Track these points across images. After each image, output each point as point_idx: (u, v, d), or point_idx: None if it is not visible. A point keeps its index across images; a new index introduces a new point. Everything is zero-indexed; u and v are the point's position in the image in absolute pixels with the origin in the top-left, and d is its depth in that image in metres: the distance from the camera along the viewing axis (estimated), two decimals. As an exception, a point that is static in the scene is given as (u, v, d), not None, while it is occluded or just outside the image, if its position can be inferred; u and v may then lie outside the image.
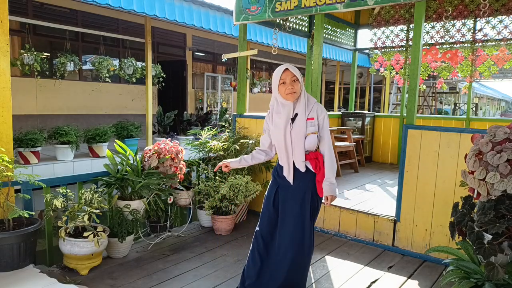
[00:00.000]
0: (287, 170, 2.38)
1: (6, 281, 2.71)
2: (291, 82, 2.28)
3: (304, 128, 2.30)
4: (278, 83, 2.31)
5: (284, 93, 2.29)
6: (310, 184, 2.37)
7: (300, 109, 2.32)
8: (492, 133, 2.22)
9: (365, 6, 3.46)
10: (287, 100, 2.31)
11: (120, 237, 3.15)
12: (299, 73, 2.33)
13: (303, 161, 2.33)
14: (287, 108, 2.32)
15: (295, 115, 2.32)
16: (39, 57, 6.76)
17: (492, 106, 31.22)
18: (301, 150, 2.32)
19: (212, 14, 8.04)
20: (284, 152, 2.35)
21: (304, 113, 2.31)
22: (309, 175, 2.37)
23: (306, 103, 2.34)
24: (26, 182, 3.06)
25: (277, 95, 2.35)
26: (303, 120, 2.31)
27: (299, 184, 2.38)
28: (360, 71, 17.09)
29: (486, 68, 5.77)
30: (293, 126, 2.31)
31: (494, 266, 1.93)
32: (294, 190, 2.40)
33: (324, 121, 2.37)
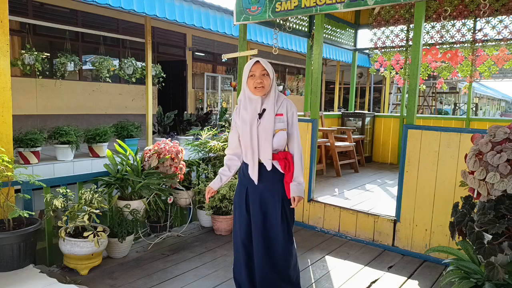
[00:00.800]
0: (251, 168, 2.28)
1: (6, 281, 2.71)
2: (261, 75, 2.19)
3: (272, 124, 2.21)
4: (247, 75, 2.22)
5: (252, 86, 2.21)
6: (278, 185, 2.29)
7: (269, 104, 2.23)
8: (492, 133, 2.22)
9: (365, 6, 3.46)
10: (255, 95, 2.23)
11: (120, 237, 3.15)
12: (271, 69, 2.25)
13: (270, 159, 2.24)
14: (255, 102, 2.24)
15: (263, 110, 2.23)
16: (40, 57, 6.77)
17: (492, 106, 31.22)
18: (268, 147, 2.22)
19: (212, 14, 8.04)
20: (249, 148, 2.25)
21: (273, 109, 2.23)
22: (278, 176, 2.29)
23: (275, 99, 2.26)
24: (26, 182, 3.06)
25: (245, 88, 2.26)
26: (271, 115, 2.22)
27: (267, 185, 2.29)
28: (360, 71, 17.09)
29: (486, 68, 5.77)
30: (260, 122, 2.21)
31: (494, 266, 1.93)
32: (263, 191, 2.30)
33: (293, 117, 2.29)
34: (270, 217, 2.30)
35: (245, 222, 2.38)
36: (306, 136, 4.09)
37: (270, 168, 2.25)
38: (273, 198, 2.30)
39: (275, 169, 2.27)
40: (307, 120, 4.14)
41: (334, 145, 5.64)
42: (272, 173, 2.27)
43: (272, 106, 2.23)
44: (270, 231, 2.31)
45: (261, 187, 2.30)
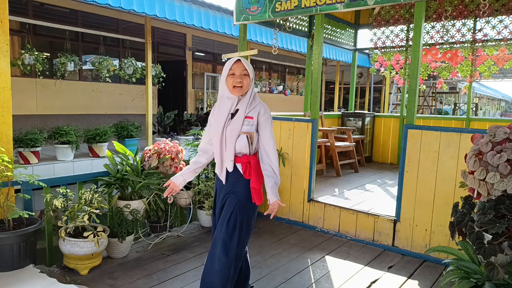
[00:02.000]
0: (219, 168, 2.26)
1: (6, 281, 2.71)
2: (241, 75, 2.14)
3: (239, 125, 2.15)
4: (227, 73, 2.17)
5: (231, 85, 2.15)
6: (239, 188, 2.20)
7: (243, 105, 2.18)
8: (492, 133, 2.22)
9: (365, 6, 3.46)
10: (232, 94, 2.18)
11: (120, 237, 3.15)
12: (252, 70, 2.20)
13: (232, 160, 2.18)
14: (230, 102, 2.19)
15: (236, 110, 2.18)
16: (40, 57, 6.77)
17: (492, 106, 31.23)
18: (232, 148, 2.17)
19: (212, 14, 8.04)
20: (219, 147, 2.20)
21: (244, 110, 2.17)
22: (240, 179, 2.21)
23: (250, 101, 2.19)
24: (26, 182, 3.06)
25: (223, 87, 2.21)
26: (241, 116, 2.16)
27: (229, 187, 2.24)
28: (360, 71, 17.09)
29: (486, 68, 5.77)
30: (230, 122, 2.17)
31: (494, 266, 1.93)
32: (225, 192, 2.26)
33: (266, 122, 2.21)
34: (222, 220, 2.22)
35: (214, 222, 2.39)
36: (306, 136, 4.09)
37: (230, 170, 2.21)
38: (231, 203, 2.21)
39: (237, 172, 2.21)
40: (307, 120, 4.14)
41: (334, 145, 5.64)
42: (235, 176, 2.22)
43: (244, 107, 2.18)
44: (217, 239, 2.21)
45: (225, 189, 2.27)
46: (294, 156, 4.19)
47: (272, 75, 14.40)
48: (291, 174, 4.22)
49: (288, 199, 4.26)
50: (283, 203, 2.27)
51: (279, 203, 2.22)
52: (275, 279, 2.92)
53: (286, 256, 3.37)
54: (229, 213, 2.20)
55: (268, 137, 2.22)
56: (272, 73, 14.47)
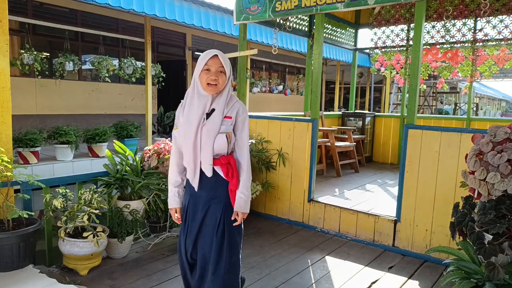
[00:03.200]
0: (192, 173, 2.01)
1: (5, 281, 2.70)
2: (216, 72, 1.94)
3: (217, 126, 1.96)
4: (201, 68, 1.95)
5: (205, 82, 1.94)
6: (221, 192, 2.03)
7: (220, 105, 1.98)
8: (492, 133, 2.22)
9: (366, 6, 3.45)
10: (206, 92, 1.97)
11: (120, 238, 3.14)
12: (229, 66, 2.00)
13: (211, 164, 1.98)
14: (204, 100, 1.97)
15: (211, 110, 1.98)
16: (39, 57, 6.76)
17: (493, 106, 31.23)
18: (209, 151, 1.96)
19: (212, 13, 8.03)
20: (192, 150, 1.97)
21: (222, 110, 1.98)
22: (220, 182, 2.02)
23: (227, 99, 2.01)
24: (26, 182, 3.05)
25: (196, 82, 1.99)
26: (219, 117, 1.97)
27: (209, 193, 2.03)
28: (361, 71, 17.08)
29: (486, 68, 5.77)
30: (206, 122, 1.96)
31: (494, 266, 1.92)
32: (204, 200, 2.04)
33: (244, 123, 2.05)
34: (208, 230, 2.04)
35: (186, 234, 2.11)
36: (306, 136, 4.08)
37: (210, 175, 2.00)
38: (214, 209, 2.03)
39: (217, 176, 2.02)
40: (307, 120, 4.13)
41: (334, 145, 5.64)
42: (213, 180, 2.01)
43: (222, 107, 1.99)
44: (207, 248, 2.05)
45: (203, 196, 2.04)
46: (294, 156, 4.18)
47: (272, 75, 14.39)
48: (291, 174, 4.21)
49: (288, 199, 4.25)
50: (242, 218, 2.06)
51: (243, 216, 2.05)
52: (275, 280, 2.92)
53: (286, 256, 3.36)
54: (217, 221, 2.02)
55: (245, 139, 2.07)
56: (272, 73, 14.46)
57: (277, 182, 4.31)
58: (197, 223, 2.06)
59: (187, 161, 2.02)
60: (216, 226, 2.03)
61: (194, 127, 1.96)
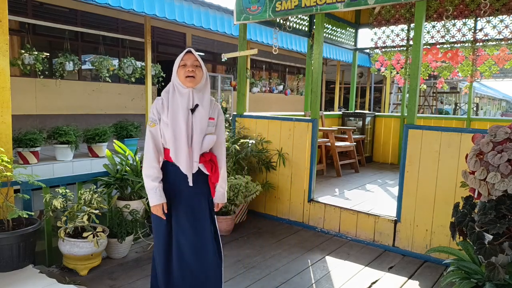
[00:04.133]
0: (186, 169, 2.06)
1: (5, 281, 2.70)
2: (193, 65, 2.06)
3: (205, 126, 2.08)
4: (178, 64, 2.08)
5: (183, 75, 2.04)
6: (205, 188, 2.17)
7: (204, 103, 2.09)
8: (493, 133, 2.22)
9: (366, 6, 3.45)
10: (185, 86, 2.06)
11: (120, 238, 3.14)
12: (203, 63, 2.12)
13: (197, 161, 2.08)
14: (186, 96, 2.06)
15: (195, 106, 2.07)
16: (39, 57, 6.76)
17: (493, 106, 31.22)
18: (197, 148, 2.07)
19: (212, 13, 8.03)
20: (185, 146, 2.03)
21: (208, 110, 2.10)
22: (204, 178, 2.16)
23: (210, 100, 2.13)
24: (26, 182, 3.05)
25: (175, 80, 2.09)
26: (205, 116, 2.09)
27: (195, 189, 2.12)
28: (361, 70, 17.08)
29: (486, 68, 5.76)
30: (193, 119, 2.05)
31: (494, 267, 1.92)
32: (191, 196, 2.13)
33: (222, 122, 2.22)
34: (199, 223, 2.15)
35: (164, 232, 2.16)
36: (306, 136, 4.08)
37: (195, 171, 2.10)
38: (199, 203, 2.16)
39: (201, 172, 2.14)
40: (307, 120, 4.13)
41: (334, 145, 5.63)
42: (197, 176, 2.13)
43: (207, 107, 2.10)
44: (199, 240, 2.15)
45: (188, 192, 2.13)
46: (294, 156, 4.18)
47: (272, 75, 14.38)
48: (291, 174, 4.21)
49: (288, 199, 4.25)
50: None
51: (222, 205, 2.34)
52: (275, 280, 2.91)
53: (286, 256, 3.36)
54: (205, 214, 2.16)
55: (223, 137, 2.25)
56: (272, 72, 14.46)
57: (277, 182, 4.31)
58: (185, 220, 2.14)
59: (181, 158, 2.05)
60: (207, 220, 2.17)
61: (183, 123, 2.03)
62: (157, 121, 2.09)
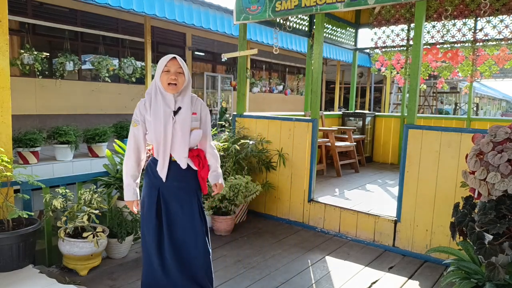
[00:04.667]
0: (161, 165, 2.19)
1: (5, 281, 2.70)
2: (176, 73, 2.15)
3: (189, 122, 2.19)
4: (162, 70, 2.16)
5: (166, 82, 2.15)
6: (193, 183, 2.28)
7: (185, 103, 2.20)
8: (493, 133, 2.22)
9: (366, 6, 3.45)
10: (167, 91, 2.18)
11: (120, 238, 3.14)
12: (187, 68, 2.23)
13: (186, 157, 2.20)
14: (168, 99, 2.18)
15: (178, 108, 2.19)
16: (39, 57, 6.75)
17: (493, 106, 31.22)
18: (184, 145, 2.18)
19: (212, 13, 8.03)
20: (162, 146, 2.16)
21: (189, 108, 2.21)
22: (192, 173, 2.26)
23: (190, 98, 2.25)
24: (26, 182, 3.05)
25: (157, 83, 2.20)
26: (188, 114, 2.19)
27: (182, 184, 2.24)
28: (361, 70, 17.08)
29: (487, 68, 5.76)
30: (176, 120, 2.17)
31: (495, 267, 1.92)
32: (178, 191, 2.24)
33: (207, 116, 2.33)
34: (186, 218, 2.25)
35: (153, 227, 2.24)
36: (306, 136, 4.07)
37: (185, 166, 2.21)
38: (189, 197, 2.26)
39: (189, 167, 2.25)
40: (307, 120, 4.13)
41: (334, 145, 5.63)
42: (186, 171, 2.23)
43: (189, 105, 2.21)
44: (186, 233, 2.25)
45: (175, 186, 2.24)
46: (294, 156, 4.18)
47: (272, 75, 14.38)
48: (291, 174, 4.21)
49: (288, 199, 4.25)
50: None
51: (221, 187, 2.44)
52: (275, 280, 2.91)
53: (286, 256, 3.36)
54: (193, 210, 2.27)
55: (209, 131, 2.36)
56: (272, 72, 14.46)
57: (277, 182, 4.31)
58: (174, 213, 2.24)
59: (159, 155, 2.19)
60: (195, 213, 2.27)
61: (162, 123, 2.14)
62: (139, 121, 2.23)
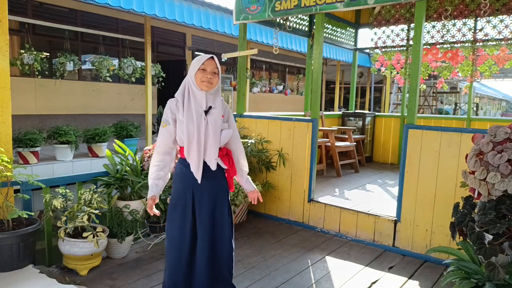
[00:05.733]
0: (196, 167, 2.17)
1: (5, 282, 2.70)
2: (212, 72, 2.15)
3: (219, 123, 2.20)
4: (198, 67, 2.15)
5: (200, 79, 2.14)
6: (224, 182, 2.31)
7: (216, 104, 2.21)
8: (493, 133, 2.22)
9: (365, 6, 3.45)
10: (200, 89, 2.16)
11: (120, 238, 3.14)
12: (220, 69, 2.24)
13: (216, 158, 2.20)
14: (199, 98, 2.17)
15: (208, 108, 2.18)
16: (39, 57, 6.75)
17: (493, 106, 31.22)
18: (215, 147, 2.19)
19: (212, 13, 8.03)
20: (195, 146, 2.14)
21: (221, 109, 2.23)
22: (222, 173, 2.29)
23: (221, 100, 2.26)
24: (26, 182, 3.05)
25: (190, 81, 2.17)
26: (219, 115, 2.20)
27: (214, 183, 2.25)
28: (361, 70, 17.08)
29: (486, 68, 5.76)
30: (207, 120, 2.16)
31: (494, 267, 1.92)
32: (211, 190, 2.25)
33: (230, 116, 2.34)
34: (218, 215, 2.29)
35: (190, 226, 2.25)
36: (306, 136, 4.07)
37: (214, 168, 2.21)
38: (220, 196, 2.30)
39: (219, 166, 2.26)
40: (307, 120, 4.13)
41: (334, 145, 5.63)
42: (216, 170, 2.24)
43: (220, 106, 2.23)
44: (217, 231, 2.29)
45: (208, 186, 2.24)
46: (294, 156, 4.18)
47: (272, 75, 14.38)
48: (291, 174, 4.21)
49: (288, 199, 4.25)
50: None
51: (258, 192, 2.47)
52: (275, 280, 2.91)
53: (286, 256, 3.36)
54: (224, 209, 2.31)
55: (237, 131, 2.38)
56: (272, 72, 14.46)
57: (277, 182, 4.31)
58: (207, 212, 2.25)
59: (192, 156, 2.17)
60: (225, 212, 2.32)
61: (195, 124, 2.13)
62: (169, 122, 2.20)
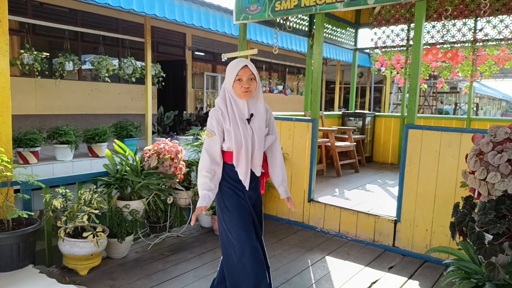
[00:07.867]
0: (244, 175, 2.16)
1: (5, 282, 2.70)
2: (248, 80, 2.10)
3: (263, 130, 2.19)
4: (234, 79, 2.11)
5: (240, 91, 2.11)
6: (258, 187, 2.32)
7: (259, 110, 2.19)
8: (493, 133, 2.21)
9: (365, 6, 3.45)
10: (241, 98, 2.14)
11: (120, 238, 3.14)
12: (256, 72, 2.19)
13: (260, 164, 2.21)
14: (241, 106, 2.15)
15: (250, 115, 2.17)
16: (39, 57, 6.76)
17: (493, 106, 31.23)
18: (260, 153, 2.19)
19: (212, 13, 8.03)
20: (244, 154, 2.13)
21: (264, 115, 2.20)
22: (256, 177, 2.28)
23: (264, 105, 2.22)
24: (26, 182, 3.05)
25: (230, 91, 2.15)
26: (262, 121, 2.18)
27: (256, 188, 2.30)
28: (361, 70, 17.08)
29: (487, 68, 5.76)
30: (252, 128, 2.15)
31: (495, 267, 1.92)
32: (255, 195, 2.31)
33: (271, 119, 2.30)
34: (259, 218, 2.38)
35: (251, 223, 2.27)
36: (306, 136, 4.07)
37: (259, 174, 2.24)
38: (259, 199, 2.37)
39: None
40: (307, 120, 4.13)
41: (334, 145, 5.63)
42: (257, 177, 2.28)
43: (263, 112, 2.20)
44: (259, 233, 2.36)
45: (252, 193, 2.29)
46: (294, 156, 4.18)
47: (272, 75, 14.39)
48: (291, 174, 4.21)
49: (288, 199, 4.24)
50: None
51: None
52: (275, 280, 2.91)
53: (286, 256, 3.36)
54: (260, 212, 2.39)
55: (277, 133, 2.33)
56: (272, 72, 14.47)
57: (277, 182, 4.30)
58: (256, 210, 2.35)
59: (240, 165, 2.16)
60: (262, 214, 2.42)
61: (244, 133, 2.12)
62: (214, 132, 2.15)
